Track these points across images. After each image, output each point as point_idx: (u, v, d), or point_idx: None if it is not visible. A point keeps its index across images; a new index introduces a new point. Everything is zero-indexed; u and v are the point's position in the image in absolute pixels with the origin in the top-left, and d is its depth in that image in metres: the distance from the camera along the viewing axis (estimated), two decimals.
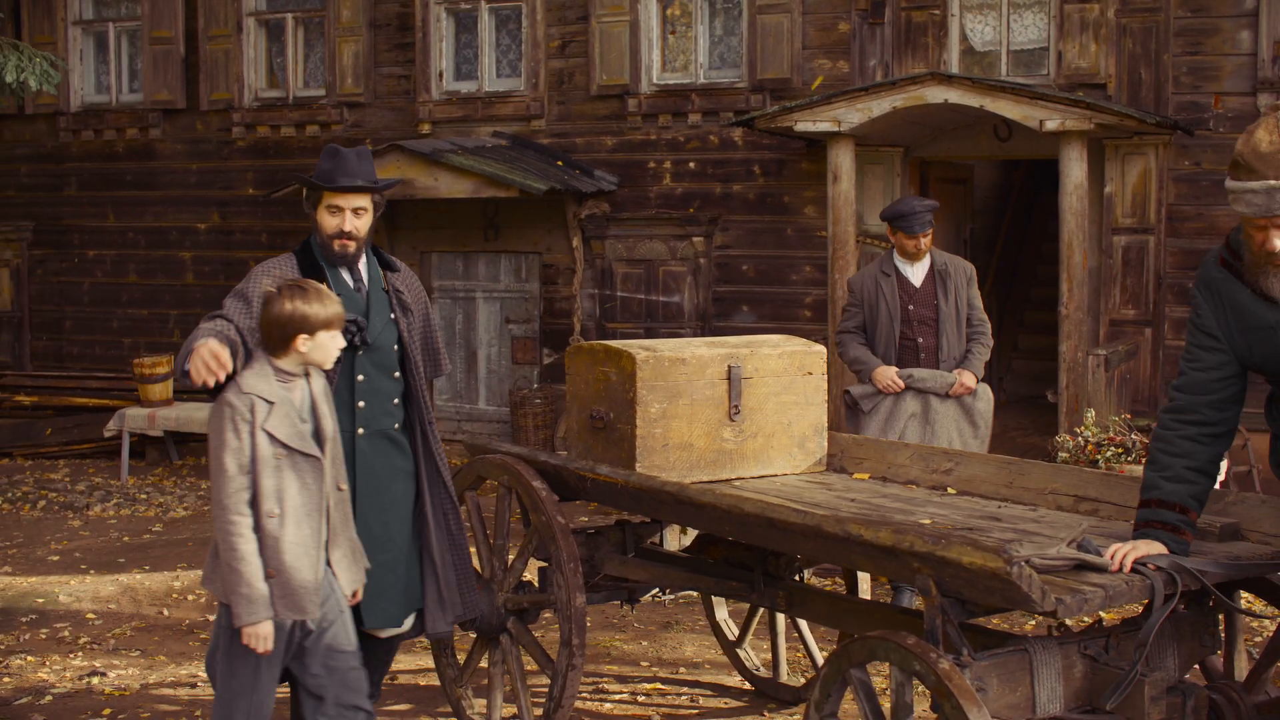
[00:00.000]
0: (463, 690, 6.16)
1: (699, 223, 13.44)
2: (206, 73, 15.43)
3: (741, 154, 13.32)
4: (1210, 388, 4.45)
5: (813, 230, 12.98)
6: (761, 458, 5.93)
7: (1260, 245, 4.17)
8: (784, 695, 6.77)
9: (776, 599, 5.67)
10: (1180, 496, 4.40)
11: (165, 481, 13.26)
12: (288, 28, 15.20)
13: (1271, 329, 4.29)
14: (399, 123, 14.60)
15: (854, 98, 11.43)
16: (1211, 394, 4.45)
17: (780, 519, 4.70)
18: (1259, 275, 4.23)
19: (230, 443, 4.69)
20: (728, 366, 5.80)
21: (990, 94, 10.99)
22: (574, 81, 13.89)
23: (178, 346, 15.38)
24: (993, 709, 4.12)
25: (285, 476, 4.74)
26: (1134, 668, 4.21)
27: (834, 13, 12.82)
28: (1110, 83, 11.78)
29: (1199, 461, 4.44)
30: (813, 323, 12.79)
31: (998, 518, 5.15)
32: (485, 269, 14.37)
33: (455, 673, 6.16)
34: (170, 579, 9.22)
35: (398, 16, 14.63)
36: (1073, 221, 10.96)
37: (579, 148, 13.86)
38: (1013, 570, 3.91)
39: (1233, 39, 11.49)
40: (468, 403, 14.48)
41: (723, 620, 7.03)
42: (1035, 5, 12.28)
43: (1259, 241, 4.16)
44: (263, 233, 15.38)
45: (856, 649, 4.36)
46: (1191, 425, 4.45)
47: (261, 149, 15.35)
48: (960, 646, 4.17)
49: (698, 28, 13.51)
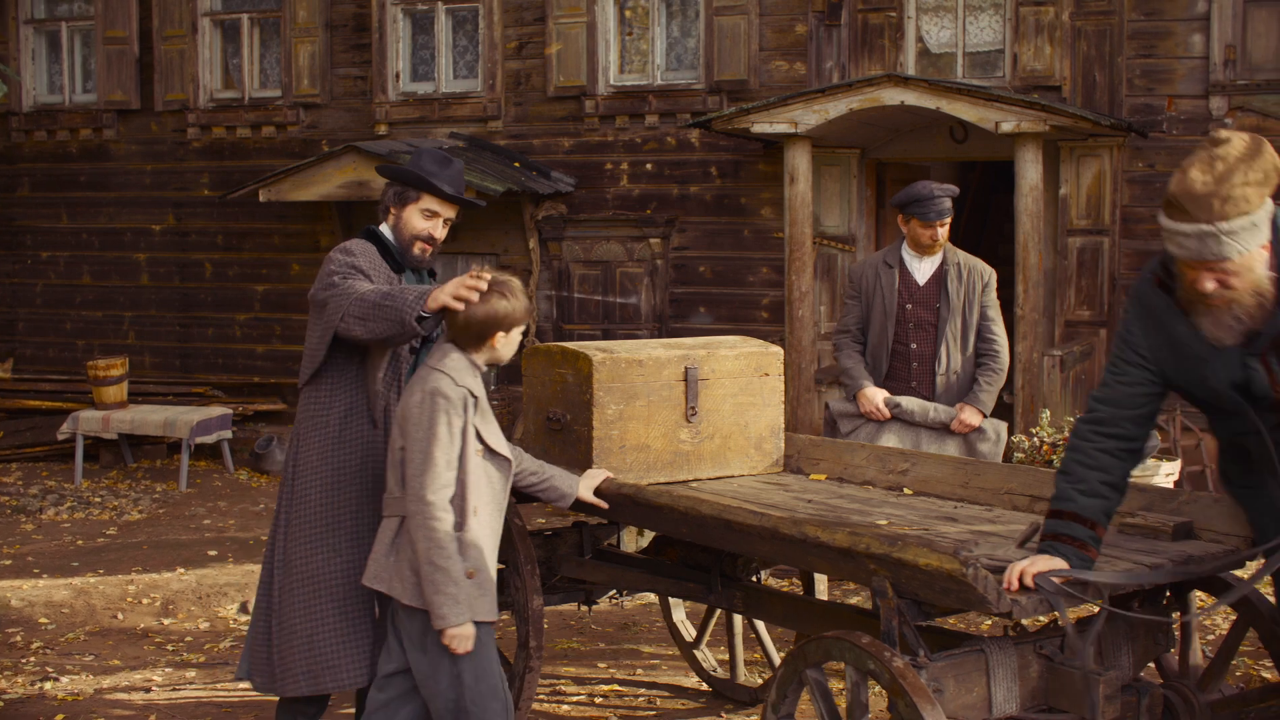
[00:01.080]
0: None
1: (656, 224, 13.43)
2: (161, 73, 15.33)
3: (699, 155, 13.33)
4: (1134, 402, 4.38)
5: (769, 232, 13.00)
6: (718, 459, 5.94)
7: (1191, 284, 4.07)
8: (741, 696, 6.78)
9: (734, 600, 5.67)
10: (1093, 512, 4.32)
11: (120, 484, 13.17)
12: (243, 28, 15.12)
13: (1203, 360, 4.20)
14: (355, 124, 14.54)
15: (810, 99, 11.45)
16: (1135, 409, 4.38)
17: (737, 521, 4.71)
18: (1191, 310, 4.15)
19: (442, 437, 4.61)
20: (684, 368, 5.80)
21: (946, 96, 11.03)
22: (531, 83, 13.87)
23: (132, 348, 15.37)
24: (949, 709, 4.13)
25: (481, 475, 4.71)
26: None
27: (790, 14, 12.85)
28: (1065, 85, 11.84)
29: (1115, 477, 4.38)
30: (770, 324, 12.81)
31: (954, 518, 5.17)
32: (442, 271, 14.26)
33: None
34: (125, 583, 9.15)
35: (354, 17, 14.57)
36: (1028, 223, 11.01)
37: (536, 149, 13.84)
38: (968, 572, 3.92)
39: (1185, 42, 11.57)
40: None
41: (680, 621, 7.03)
42: (991, 8, 12.33)
43: (1190, 280, 4.07)
44: (219, 234, 15.29)
45: (813, 649, 4.37)
46: (1110, 439, 4.39)
47: (217, 150, 15.26)
48: (916, 647, 4.18)
49: (655, 29, 13.51)
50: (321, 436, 5.23)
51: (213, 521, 11.45)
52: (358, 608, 5.17)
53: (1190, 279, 4.05)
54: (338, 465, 5.22)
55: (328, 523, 5.19)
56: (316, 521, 5.19)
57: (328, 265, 5.23)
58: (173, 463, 13.95)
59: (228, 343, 15.29)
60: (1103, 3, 11.74)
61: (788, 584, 8.32)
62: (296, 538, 5.18)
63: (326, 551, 5.16)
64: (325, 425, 5.24)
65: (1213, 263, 3.97)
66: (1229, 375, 4.17)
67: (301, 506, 5.20)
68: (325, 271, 5.20)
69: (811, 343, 11.83)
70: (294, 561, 5.17)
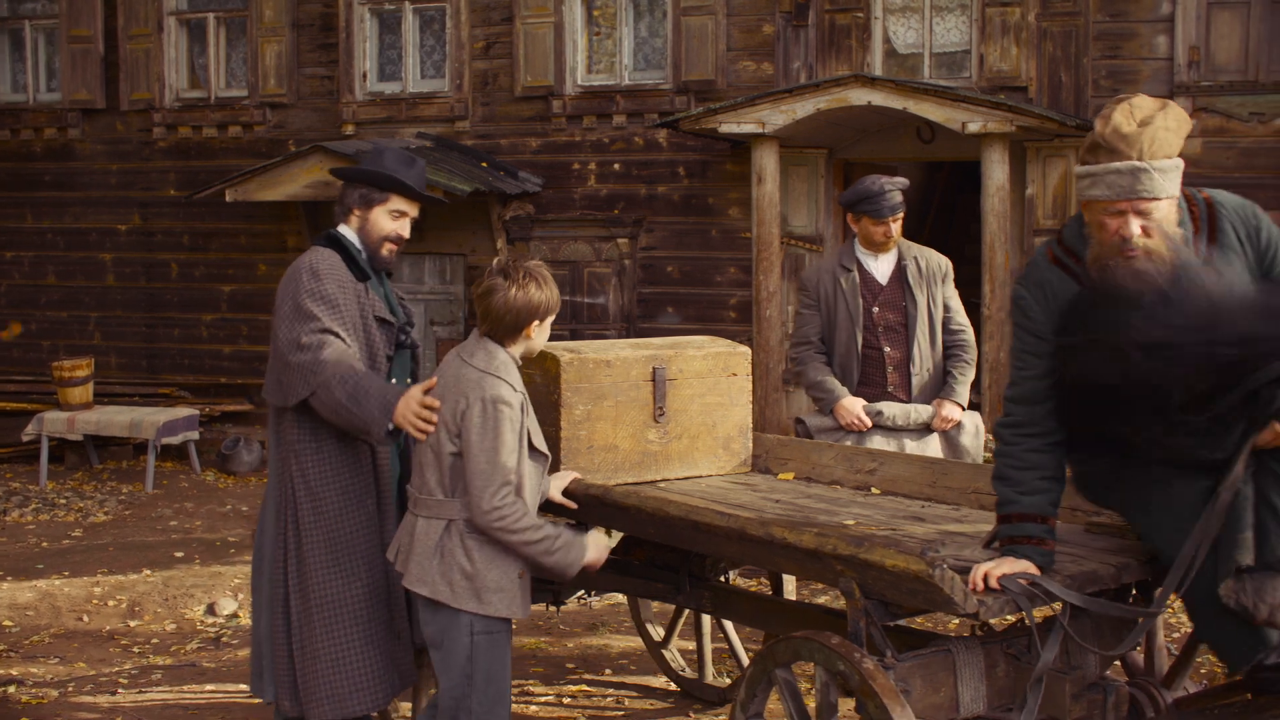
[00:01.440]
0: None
1: (624, 224, 13.43)
2: (127, 72, 15.25)
3: (666, 155, 13.33)
4: (1048, 394, 4.35)
5: (737, 231, 13.01)
6: (686, 459, 5.94)
7: (1115, 231, 4.06)
8: (710, 696, 6.78)
9: (702, 600, 5.68)
10: (1039, 507, 4.32)
11: (85, 486, 13.11)
12: (209, 27, 15.06)
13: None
14: (322, 124, 14.49)
15: (778, 99, 11.47)
16: (1050, 400, 4.35)
17: (704, 521, 4.71)
18: (1105, 268, 4.09)
19: (509, 444, 4.62)
20: (652, 368, 5.80)
21: (913, 96, 11.07)
22: (498, 83, 13.85)
23: (98, 349, 15.29)
24: (916, 709, 4.14)
25: (530, 473, 4.74)
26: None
27: (758, 15, 12.86)
28: (1031, 86, 11.89)
29: (1050, 470, 4.38)
30: (737, 324, 12.82)
31: (921, 518, 5.18)
32: (409, 271, 14.30)
33: None
34: (90, 584, 9.11)
35: (321, 17, 14.53)
36: (994, 223, 11.06)
37: (503, 149, 13.83)
38: (934, 573, 3.93)
39: (1149, 44, 11.63)
40: None
41: (648, 621, 7.03)
42: (957, 8, 12.37)
43: (1114, 228, 4.06)
44: (185, 234, 15.22)
45: (781, 649, 4.38)
46: (1034, 437, 4.37)
47: (183, 150, 15.19)
48: (884, 648, 4.19)
49: (622, 29, 13.51)
50: (322, 459, 5.19)
51: (179, 523, 11.41)
52: (380, 629, 5.21)
53: (1114, 227, 4.06)
54: (344, 488, 5.21)
55: (344, 546, 5.18)
56: (332, 546, 5.17)
57: (298, 293, 5.11)
58: (139, 464, 13.89)
59: (194, 343, 15.22)
60: (1068, 4, 11.79)
61: (756, 584, 8.33)
62: (312, 563, 5.15)
63: (345, 575, 5.16)
64: (323, 448, 5.20)
65: (1141, 202, 4.02)
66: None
67: (313, 531, 5.16)
68: (295, 305, 5.09)
69: (779, 342, 11.85)
70: (312, 586, 5.14)
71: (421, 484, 4.80)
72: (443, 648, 4.72)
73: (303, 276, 5.13)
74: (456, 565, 4.66)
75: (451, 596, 4.66)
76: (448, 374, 4.81)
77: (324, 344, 5.02)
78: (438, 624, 4.72)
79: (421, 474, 4.80)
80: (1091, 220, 4.16)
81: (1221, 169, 11.41)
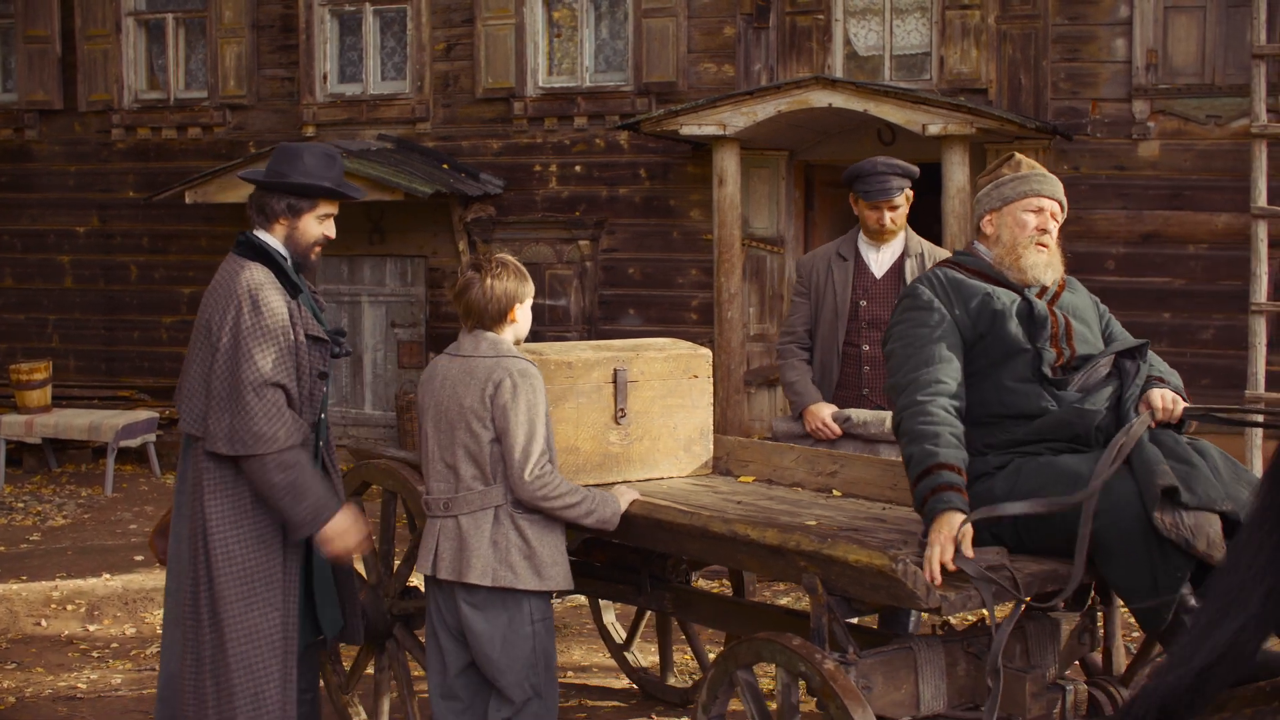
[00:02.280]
0: (348, 697, 6.11)
1: (585, 226, 13.43)
2: (84, 73, 15.17)
3: (628, 157, 13.33)
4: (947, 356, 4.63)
5: (699, 233, 13.02)
6: (647, 461, 5.94)
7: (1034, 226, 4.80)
8: (672, 697, 6.79)
9: (664, 601, 5.68)
10: (957, 459, 4.41)
11: (44, 490, 13.02)
12: (168, 28, 14.99)
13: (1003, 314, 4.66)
14: (283, 125, 14.44)
15: (739, 101, 11.49)
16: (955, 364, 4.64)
17: (667, 520, 4.72)
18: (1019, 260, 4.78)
19: (543, 413, 4.82)
20: (613, 370, 5.80)
21: (874, 98, 11.10)
22: (459, 84, 13.83)
23: (56, 352, 15.19)
24: (877, 707, 4.15)
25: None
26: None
27: (719, 16, 12.88)
28: (991, 88, 11.94)
29: (959, 430, 4.50)
30: (699, 325, 12.83)
31: (882, 519, 5.20)
32: (370, 273, 14.26)
33: (341, 679, 6.11)
34: (49, 589, 9.05)
35: (281, 18, 14.48)
36: (955, 225, 11.10)
37: (465, 151, 13.81)
38: (898, 567, 3.95)
39: (1108, 46, 11.70)
40: (353, 407, 14.36)
41: (610, 623, 7.03)
42: (917, 10, 12.42)
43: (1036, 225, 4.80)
44: (144, 236, 15.14)
45: (743, 651, 4.38)
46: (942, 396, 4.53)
47: (142, 151, 15.12)
48: (846, 644, 4.21)
49: (583, 31, 13.51)
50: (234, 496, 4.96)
51: (139, 526, 11.35)
52: (293, 658, 5.08)
53: (1037, 224, 4.82)
54: (258, 520, 4.98)
55: (260, 578, 4.97)
56: (247, 578, 4.94)
57: (239, 328, 4.90)
58: (98, 467, 13.80)
59: (154, 346, 15.14)
60: (1027, 6, 11.85)
61: (718, 585, 8.33)
62: (226, 596, 4.91)
63: (263, 606, 4.96)
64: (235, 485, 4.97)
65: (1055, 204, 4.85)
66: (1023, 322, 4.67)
67: (226, 564, 4.92)
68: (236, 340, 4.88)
69: (741, 344, 11.87)
70: (226, 619, 4.91)
71: (451, 485, 4.85)
72: (504, 640, 4.80)
73: (244, 308, 4.94)
74: (514, 547, 4.78)
75: (515, 579, 4.77)
76: (450, 375, 4.88)
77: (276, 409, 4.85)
78: (499, 618, 4.80)
79: (449, 477, 4.85)
80: (1008, 221, 4.86)
81: (1179, 171, 11.49)
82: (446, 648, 4.94)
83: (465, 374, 4.84)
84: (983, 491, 4.51)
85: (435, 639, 4.97)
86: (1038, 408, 4.58)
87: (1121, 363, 4.68)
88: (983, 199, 4.94)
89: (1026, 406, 4.59)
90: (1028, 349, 4.64)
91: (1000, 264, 4.83)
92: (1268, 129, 9.51)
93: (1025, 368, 4.63)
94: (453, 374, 4.88)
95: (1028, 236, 4.80)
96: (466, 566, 4.79)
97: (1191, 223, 11.47)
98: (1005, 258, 4.82)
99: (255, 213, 5.19)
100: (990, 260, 4.87)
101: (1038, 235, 4.81)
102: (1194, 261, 11.48)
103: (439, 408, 4.89)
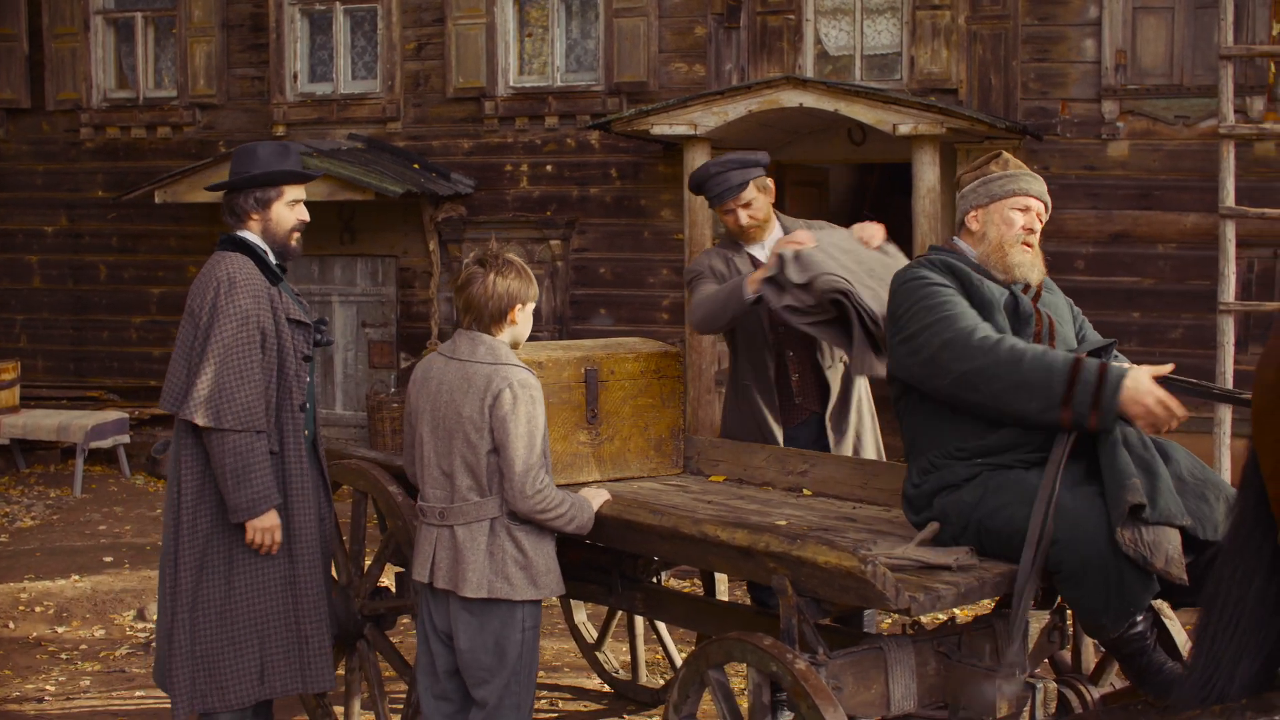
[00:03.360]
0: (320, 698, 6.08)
1: (556, 226, 13.42)
2: (52, 72, 15.09)
3: (598, 157, 13.33)
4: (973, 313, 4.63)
5: (669, 233, 13.03)
6: (618, 461, 5.94)
7: (1020, 225, 4.82)
8: (643, 697, 6.79)
9: (634, 601, 5.68)
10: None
11: (12, 490, 12.95)
12: (137, 27, 14.92)
13: (992, 304, 4.65)
14: (253, 125, 14.39)
15: (710, 101, 11.50)
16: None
17: (637, 521, 4.72)
18: (1005, 256, 4.79)
19: (542, 425, 4.76)
20: (584, 370, 5.80)
21: (844, 98, 11.12)
22: (430, 84, 13.81)
23: (24, 352, 15.11)
24: (848, 706, 4.16)
25: None
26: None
27: (690, 17, 12.89)
28: (961, 88, 11.97)
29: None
30: (670, 325, 12.84)
31: (853, 518, 5.21)
32: (341, 272, 14.23)
33: None
34: (17, 590, 9.01)
35: (251, 17, 14.43)
36: (926, 224, 11.13)
37: (435, 150, 13.78)
38: (868, 569, 3.96)
39: (1078, 47, 11.74)
40: (324, 407, 14.32)
41: (581, 623, 7.03)
42: (888, 11, 12.44)
43: (1023, 225, 4.82)
44: (113, 236, 15.08)
45: (714, 650, 4.39)
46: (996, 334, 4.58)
47: (111, 151, 15.05)
48: (816, 645, 4.21)
49: (554, 31, 13.50)
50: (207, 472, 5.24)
51: (108, 527, 11.30)
52: (249, 631, 5.24)
53: (1024, 225, 4.82)
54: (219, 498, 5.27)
55: (217, 547, 5.24)
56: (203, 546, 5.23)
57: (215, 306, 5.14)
58: (67, 468, 13.74)
59: (123, 346, 15.08)
60: (998, 7, 11.89)
61: (689, 585, 8.34)
62: (182, 561, 5.21)
63: (209, 575, 5.21)
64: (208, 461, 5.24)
65: (1044, 204, 4.91)
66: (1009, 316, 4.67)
67: (190, 532, 5.22)
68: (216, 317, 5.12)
69: (712, 344, 11.87)
70: (181, 584, 5.21)
71: (447, 494, 4.81)
72: (496, 649, 4.78)
73: (222, 288, 5.15)
74: (510, 559, 4.76)
75: (512, 590, 4.75)
76: (447, 379, 4.81)
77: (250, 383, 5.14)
78: (493, 627, 4.77)
79: (445, 485, 4.81)
80: (995, 218, 4.85)
81: (1148, 171, 11.54)
82: (437, 651, 4.93)
83: (463, 380, 4.75)
84: (951, 502, 4.51)
85: (426, 642, 4.95)
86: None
87: None
88: (968, 195, 4.92)
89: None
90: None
91: (985, 261, 4.82)
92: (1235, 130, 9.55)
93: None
94: (450, 379, 4.79)
95: (1015, 235, 4.80)
96: (462, 579, 4.75)
97: (1160, 223, 11.53)
98: (991, 255, 4.82)
99: (229, 216, 5.40)
100: (973, 257, 4.85)
101: (1024, 234, 4.81)
102: (1163, 261, 11.53)
103: (436, 414, 4.82)
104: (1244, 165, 10.47)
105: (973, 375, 4.45)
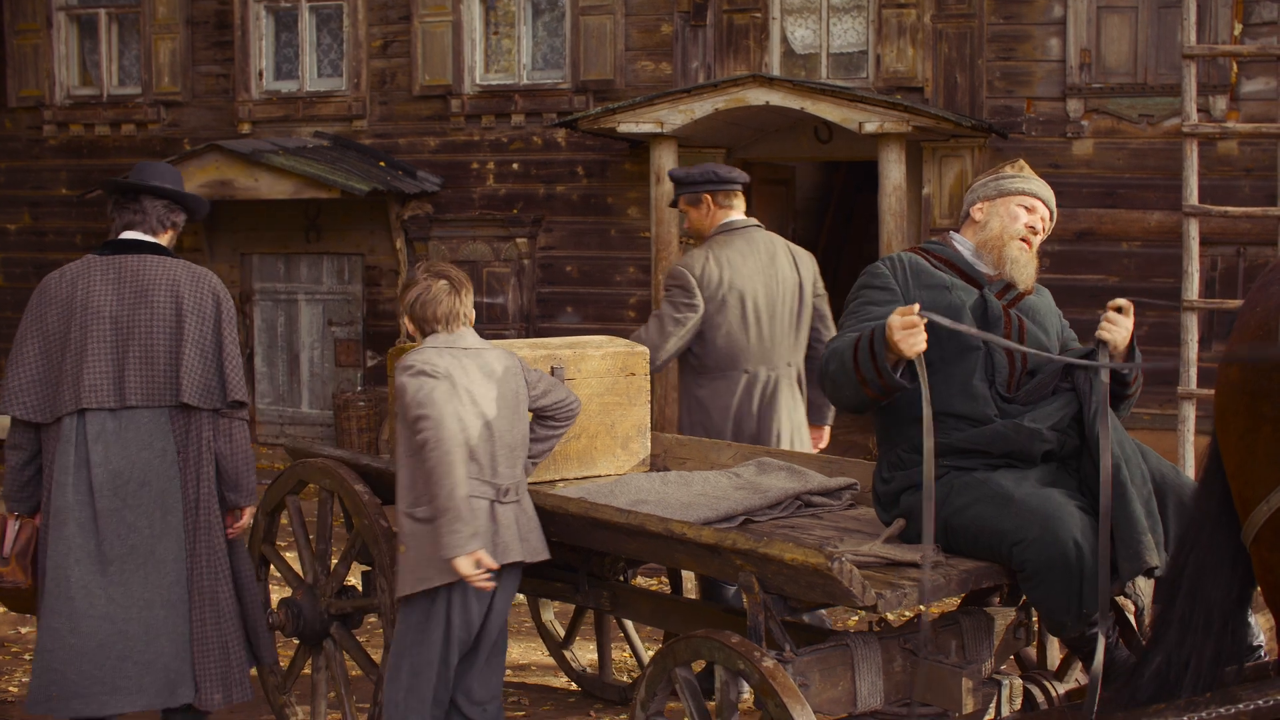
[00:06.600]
0: (286, 698, 6.07)
1: (523, 224, 13.41)
2: (14, 68, 15.00)
3: (565, 155, 13.32)
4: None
5: (636, 231, 13.03)
6: (585, 459, 5.93)
7: (1024, 222, 4.85)
8: (611, 695, 6.79)
9: (602, 600, 5.68)
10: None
11: None
12: (101, 23, 14.84)
13: (958, 307, 4.67)
14: (218, 122, 14.34)
15: (676, 99, 11.51)
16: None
17: (604, 519, 4.72)
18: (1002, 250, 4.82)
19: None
20: (551, 368, 5.79)
21: (811, 96, 11.14)
22: (396, 82, 13.78)
23: None
24: (814, 704, 4.16)
25: None
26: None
27: (656, 15, 12.89)
28: (927, 86, 12.01)
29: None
30: (637, 323, 12.83)
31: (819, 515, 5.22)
32: (307, 271, 14.18)
33: (278, 679, 6.07)
34: None
35: (216, 14, 14.37)
36: (892, 222, 11.16)
37: (402, 148, 13.75)
38: (834, 566, 3.96)
39: (1043, 46, 11.79)
40: (290, 406, 14.28)
41: (549, 621, 7.03)
42: (854, 9, 12.47)
43: (1026, 225, 4.85)
44: (77, 234, 15.00)
45: (681, 648, 4.39)
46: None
47: (75, 148, 14.97)
48: (783, 642, 4.22)
49: (521, 29, 13.48)
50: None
51: None
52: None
53: (1027, 224, 4.86)
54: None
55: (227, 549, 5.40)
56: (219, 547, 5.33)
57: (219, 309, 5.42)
58: None
59: None
60: (963, 6, 11.93)
61: (656, 583, 8.34)
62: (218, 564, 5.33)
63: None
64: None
65: (1048, 207, 4.93)
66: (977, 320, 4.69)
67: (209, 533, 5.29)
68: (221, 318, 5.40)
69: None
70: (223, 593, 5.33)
71: (508, 474, 4.95)
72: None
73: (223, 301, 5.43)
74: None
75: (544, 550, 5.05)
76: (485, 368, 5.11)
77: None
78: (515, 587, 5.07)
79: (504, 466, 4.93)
80: (1000, 211, 4.89)
81: (1112, 169, 11.60)
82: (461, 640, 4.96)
83: (491, 364, 5.10)
84: (915, 504, 4.52)
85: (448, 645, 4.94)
86: (981, 413, 4.58)
87: (1077, 382, 4.59)
88: (978, 189, 4.99)
89: (970, 410, 4.59)
90: (979, 348, 4.62)
91: (981, 250, 4.87)
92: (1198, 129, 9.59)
93: (974, 368, 4.62)
94: (485, 367, 5.09)
95: (1016, 229, 4.84)
96: (542, 545, 5.03)
97: (1125, 220, 11.59)
98: (990, 243, 4.85)
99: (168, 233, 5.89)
100: (966, 250, 4.90)
101: (1026, 231, 4.85)
102: (1127, 259, 11.59)
103: (497, 398, 4.99)
104: (1207, 164, 10.53)
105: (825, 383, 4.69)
